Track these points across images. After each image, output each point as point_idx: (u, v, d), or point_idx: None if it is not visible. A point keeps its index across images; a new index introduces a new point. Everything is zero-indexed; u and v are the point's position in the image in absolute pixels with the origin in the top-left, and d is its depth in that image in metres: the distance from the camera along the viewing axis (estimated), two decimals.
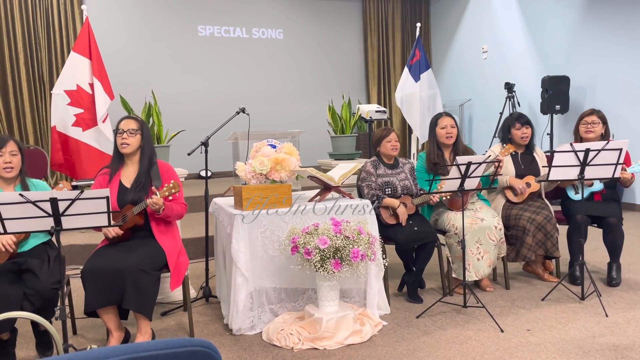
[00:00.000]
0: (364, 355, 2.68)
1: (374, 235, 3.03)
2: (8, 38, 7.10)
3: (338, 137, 4.99)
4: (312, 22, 9.06)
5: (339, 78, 9.26)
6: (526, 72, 7.68)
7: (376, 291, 3.18)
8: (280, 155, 3.21)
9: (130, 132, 2.88)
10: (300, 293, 3.16)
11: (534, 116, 7.47)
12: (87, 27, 4.44)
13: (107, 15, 7.69)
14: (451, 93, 9.08)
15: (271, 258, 3.03)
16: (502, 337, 2.83)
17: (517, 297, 3.47)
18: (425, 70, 6.37)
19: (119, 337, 2.76)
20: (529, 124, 3.80)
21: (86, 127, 4.44)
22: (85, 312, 2.66)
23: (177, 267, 2.86)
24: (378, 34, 9.43)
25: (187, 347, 0.89)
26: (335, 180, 3.30)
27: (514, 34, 7.88)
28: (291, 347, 2.77)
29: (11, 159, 2.69)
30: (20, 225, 2.24)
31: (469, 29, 8.79)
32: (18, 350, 2.79)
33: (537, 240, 3.58)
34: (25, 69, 7.21)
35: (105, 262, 2.65)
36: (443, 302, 3.32)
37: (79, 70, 4.39)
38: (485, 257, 3.45)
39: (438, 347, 2.74)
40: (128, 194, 2.85)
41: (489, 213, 3.58)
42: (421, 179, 3.66)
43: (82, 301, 2.70)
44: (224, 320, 3.17)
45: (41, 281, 2.53)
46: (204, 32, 8.35)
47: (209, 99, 8.25)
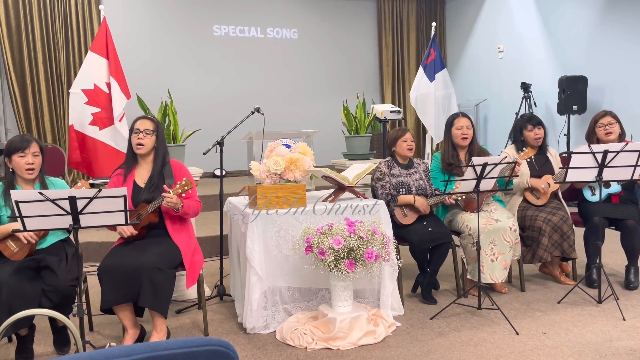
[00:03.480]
0: (378, 356, 2.67)
1: (388, 235, 3.03)
2: (27, 38, 7.21)
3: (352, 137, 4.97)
4: (326, 22, 9.06)
5: (353, 78, 9.24)
6: (543, 72, 7.60)
7: (390, 292, 3.17)
8: (294, 155, 3.21)
9: (146, 132, 2.90)
10: (314, 293, 3.16)
11: (550, 117, 7.39)
12: (104, 27, 4.48)
13: (124, 15, 7.76)
14: (466, 93, 9.01)
15: (285, 258, 3.04)
16: (518, 340, 2.81)
17: (532, 299, 3.43)
18: (440, 70, 6.32)
19: (135, 334, 2.79)
20: (541, 124, 3.77)
21: (103, 126, 4.49)
22: (102, 309, 2.70)
23: (192, 265, 2.89)
24: (393, 33, 9.40)
25: (205, 346, 0.90)
26: (350, 180, 3.30)
27: (531, 34, 7.79)
28: (305, 347, 2.77)
29: (33, 160, 2.73)
30: (40, 223, 2.28)
31: (485, 29, 8.72)
32: (36, 346, 2.83)
33: (553, 241, 3.55)
34: (44, 68, 7.31)
35: (121, 260, 2.68)
36: (457, 304, 3.30)
37: (96, 69, 4.44)
38: (499, 259, 3.42)
39: (452, 349, 2.73)
40: (142, 193, 2.88)
41: (504, 214, 3.55)
42: (436, 179, 3.65)
43: (98, 298, 2.73)
44: (238, 318, 3.19)
45: (59, 278, 2.57)
46: (219, 31, 8.40)
47: (223, 98, 8.29)
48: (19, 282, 2.51)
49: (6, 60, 7.10)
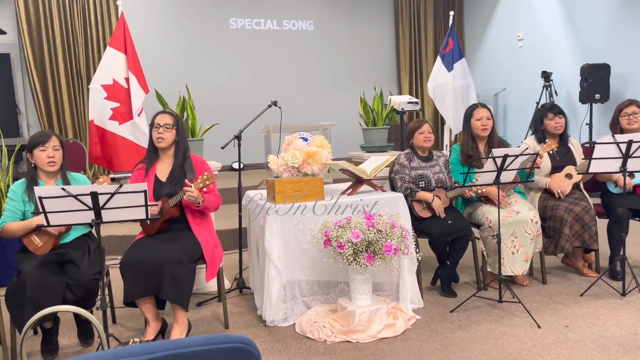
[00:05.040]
0: (398, 349, 2.67)
1: (407, 228, 3.01)
2: (47, 34, 7.30)
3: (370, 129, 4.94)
4: (342, 12, 8.99)
5: (369, 69, 9.18)
6: (564, 60, 7.44)
7: (409, 285, 3.15)
8: (312, 148, 3.21)
9: (166, 126, 2.92)
10: (333, 286, 3.17)
11: (572, 105, 7.25)
12: (122, 22, 4.52)
13: (141, 10, 7.81)
14: (485, 82, 8.89)
15: (304, 251, 3.05)
16: (539, 333, 2.78)
17: (554, 292, 3.39)
18: (458, 60, 6.24)
19: (156, 326, 2.83)
20: (562, 113, 3.70)
21: (122, 121, 4.53)
22: (125, 302, 2.74)
23: (213, 259, 2.91)
24: (410, 23, 9.29)
25: (227, 343, 0.90)
26: (368, 173, 3.28)
27: (552, 21, 7.63)
28: (324, 340, 2.78)
29: (54, 153, 2.77)
30: (63, 218, 2.32)
31: (505, 17, 8.56)
32: (61, 338, 2.89)
33: (574, 231, 3.49)
34: (64, 64, 7.40)
35: (143, 253, 2.71)
36: (478, 297, 3.27)
37: (114, 64, 4.48)
38: (520, 251, 3.38)
39: (473, 342, 2.71)
40: (163, 188, 2.91)
41: (525, 206, 3.50)
42: (455, 171, 3.61)
43: (120, 291, 2.78)
44: (258, 311, 3.21)
45: (82, 272, 2.62)
46: (235, 24, 8.40)
47: (240, 91, 8.31)
48: (44, 275, 2.55)
49: (27, 57, 7.20)
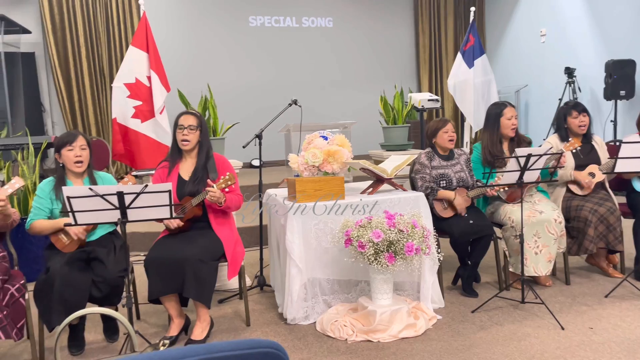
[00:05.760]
0: (419, 349, 2.67)
1: (429, 228, 3.00)
2: (71, 34, 7.43)
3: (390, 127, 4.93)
4: (361, 9, 8.95)
5: (389, 65, 9.13)
6: (588, 56, 7.31)
7: (430, 284, 3.15)
8: (332, 147, 3.21)
9: (190, 128, 2.96)
10: (353, 285, 3.17)
11: (596, 102, 7.12)
12: (144, 21, 4.58)
13: (163, 9, 7.89)
14: (506, 79, 8.77)
15: (324, 250, 3.06)
16: (563, 335, 2.75)
17: (578, 293, 3.35)
18: (479, 56, 6.18)
19: (180, 323, 2.88)
20: (586, 111, 3.63)
21: (144, 119, 4.60)
22: (149, 299, 2.79)
23: (234, 257, 2.94)
24: (430, 19, 9.21)
25: (257, 348, 0.92)
26: (388, 172, 3.28)
27: (575, 16, 7.49)
28: (345, 339, 2.79)
29: (81, 152, 2.83)
30: (90, 217, 2.37)
31: (527, 12, 8.43)
32: (87, 334, 2.95)
33: (598, 232, 3.44)
34: (87, 63, 7.53)
35: (166, 252, 2.76)
36: (500, 297, 3.25)
37: (137, 63, 4.54)
38: (544, 252, 3.34)
39: (495, 343, 2.69)
40: (186, 187, 2.95)
41: (549, 206, 3.45)
42: (477, 170, 3.58)
43: (144, 287, 2.83)
44: (279, 309, 3.24)
45: (108, 269, 2.67)
46: (254, 22, 8.43)
47: (260, 89, 8.34)
48: (71, 272, 2.61)
49: (52, 56, 7.34)
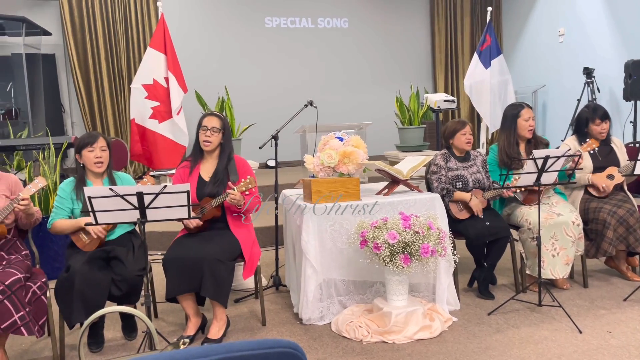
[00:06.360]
0: (434, 351, 2.67)
1: (444, 230, 2.99)
2: (90, 36, 7.54)
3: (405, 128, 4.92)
4: (377, 9, 8.94)
5: (404, 66, 9.10)
6: (607, 56, 7.20)
7: (446, 286, 3.14)
8: (347, 148, 3.22)
9: (213, 130, 3.00)
10: (369, 286, 3.18)
11: (615, 103, 7.02)
12: (162, 23, 4.64)
13: (180, 11, 7.96)
14: (524, 79, 8.69)
15: (340, 251, 3.07)
16: (581, 339, 2.72)
17: (596, 296, 3.31)
18: (496, 57, 6.14)
19: (197, 322, 2.91)
20: (608, 117, 3.58)
21: (162, 120, 4.67)
22: (167, 298, 2.83)
23: (251, 257, 2.97)
24: (446, 19, 9.16)
25: (276, 348, 0.94)
26: (404, 173, 3.28)
27: (594, 15, 7.39)
28: (360, 340, 2.80)
29: (101, 154, 2.88)
30: (110, 217, 2.41)
31: (545, 11, 8.34)
32: (106, 331, 3.01)
33: (618, 234, 3.40)
34: (106, 64, 7.64)
35: (185, 251, 2.79)
36: (516, 300, 3.23)
37: (155, 65, 4.61)
38: (561, 254, 3.31)
39: (511, 346, 2.68)
40: (207, 188, 2.98)
41: (566, 208, 3.42)
42: (493, 172, 3.56)
43: (161, 286, 2.87)
44: (294, 309, 3.26)
45: (127, 268, 2.71)
46: (270, 23, 8.47)
47: (275, 90, 8.38)
48: (91, 271, 2.66)
49: (71, 58, 7.46)
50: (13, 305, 2.44)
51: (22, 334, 2.46)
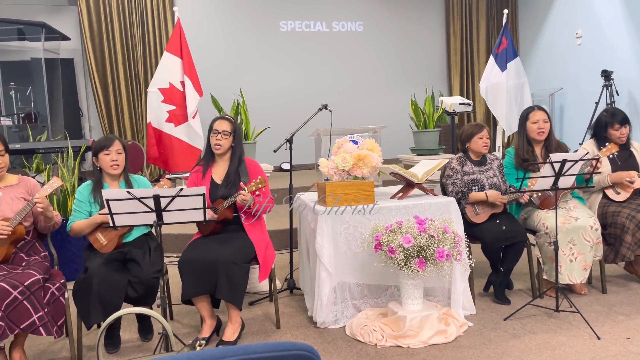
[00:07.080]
0: (449, 356, 2.64)
1: (460, 234, 2.97)
2: (107, 40, 7.65)
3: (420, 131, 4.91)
4: (391, 12, 8.93)
5: (419, 69, 9.07)
6: (626, 58, 7.10)
7: (461, 291, 3.12)
8: (362, 151, 3.22)
9: (224, 133, 3.02)
10: (383, 290, 3.17)
11: (634, 106, 6.92)
12: (178, 27, 4.69)
13: (196, 16, 8.05)
14: (540, 82, 8.61)
15: (354, 254, 3.07)
16: (599, 345, 2.68)
17: (615, 302, 3.26)
18: (512, 59, 6.09)
19: (212, 324, 2.93)
20: (627, 121, 3.53)
21: (178, 123, 4.71)
22: (182, 300, 2.86)
23: (265, 260, 2.98)
24: (461, 21, 9.12)
25: (292, 350, 0.94)
26: (419, 177, 3.27)
27: (613, 17, 7.30)
28: (375, 344, 2.79)
29: (117, 157, 2.92)
30: (127, 219, 2.44)
31: (562, 13, 8.26)
32: (122, 332, 3.04)
33: (636, 239, 3.34)
34: (123, 68, 7.74)
35: (200, 254, 2.82)
36: (533, 305, 3.19)
37: (171, 69, 4.66)
38: (579, 259, 3.27)
39: (528, 352, 2.65)
40: (219, 190, 3.01)
41: (584, 212, 3.38)
42: (510, 175, 3.53)
43: (177, 288, 2.89)
44: (308, 312, 3.26)
45: (144, 270, 2.74)
46: (285, 27, 8.51)
47: (290, 93, 8.41)
48: (108, 272, 2.69)
49: (89, 62, 7.58)
50: (32, 306, 2.48)
51: (40, 334, 2.50)
